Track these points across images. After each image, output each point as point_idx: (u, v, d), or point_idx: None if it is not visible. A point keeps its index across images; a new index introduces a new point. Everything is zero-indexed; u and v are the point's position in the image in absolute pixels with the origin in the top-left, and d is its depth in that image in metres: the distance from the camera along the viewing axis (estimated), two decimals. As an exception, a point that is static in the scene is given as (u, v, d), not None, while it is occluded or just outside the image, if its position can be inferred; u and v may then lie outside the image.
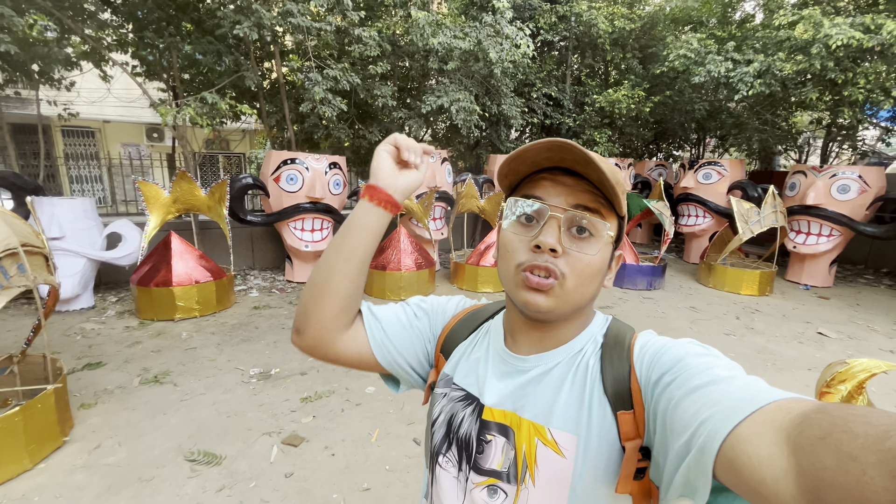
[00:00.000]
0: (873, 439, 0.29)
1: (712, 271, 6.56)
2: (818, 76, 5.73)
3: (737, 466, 0.38)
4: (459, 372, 0.70)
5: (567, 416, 0.58)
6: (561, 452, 0.58)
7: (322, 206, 5.85)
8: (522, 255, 0.58)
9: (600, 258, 0.58)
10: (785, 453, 0.35)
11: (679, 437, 0.45)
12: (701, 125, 9.44)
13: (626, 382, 0.57)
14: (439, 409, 0.70)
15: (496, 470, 0.62)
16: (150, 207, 5.02)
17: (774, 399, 0.40)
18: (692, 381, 0.48)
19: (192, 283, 4.61)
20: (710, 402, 0.44)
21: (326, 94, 4.77)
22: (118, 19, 5.70)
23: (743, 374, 0.48)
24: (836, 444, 0.31)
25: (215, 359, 3.77)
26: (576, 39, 7.67)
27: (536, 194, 0.59)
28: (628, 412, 0.56)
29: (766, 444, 0.37)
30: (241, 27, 4.11)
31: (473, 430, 0.64)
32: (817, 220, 6.45)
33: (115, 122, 12.70)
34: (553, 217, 0.56)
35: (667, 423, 0.49)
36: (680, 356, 0.53)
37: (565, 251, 0.56)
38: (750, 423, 0.39)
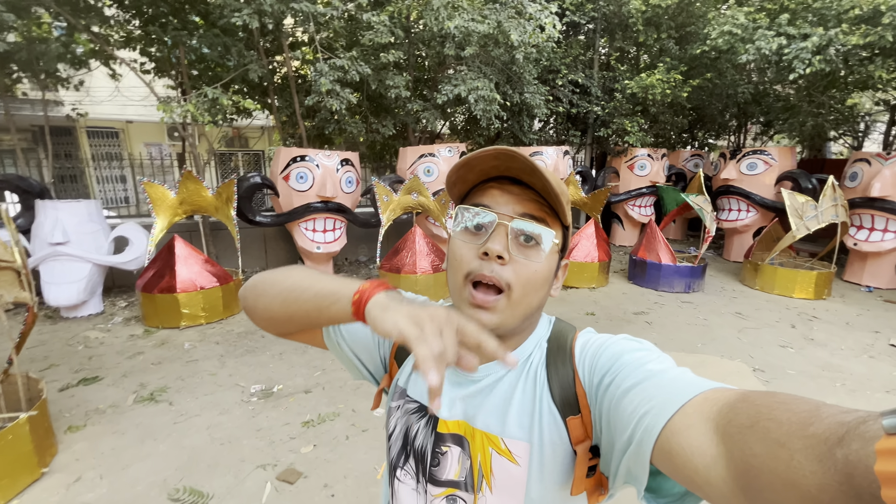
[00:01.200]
0: (797, 426, 0.31)
1: (759, 272, 5.94)
2: (889, 49, 5.01)
3: (672, 456, 0.41)
4: (412, 383, 0.69)
5: (520, 425, 0.59)
6: (515, 461, 0.59)
7: (334, 205, 5.56)
8: (470, 263, 0.58)
9: (546, 266, 0.59)
10: (714, 441, 0.37)
11: (622, 434, 0.48)
12: (743, 110, 8.67)
13: (571, 388, 0.58)
14: (395, 422, 0.70)
15: (454, 480, 0.63)
16: (157, 209, 4.82)
17: (702, 390, 0.43)
18: (628, 379, 0.50)
19: (197, 290, 4.39)
20: (646, 399, 0.46)
21: (334, 86, 4.43)
22: (123, 15, 5.52)
23: (673, 366, 0.51)
24: (764, 432, 0.33)
25: (216, 373, 3.52)
26: (605, 20, 7.07)
27: (485, 202, 0.59)
28: (576, 417, 0.57)
29: (696, 434, 0.39)
30: (241, 15, 3.81)
31: (429, 442, 0.65)
32: (883, 215, 5.73)
33: (138, 122, 12.84)
34: (501, 224, 0.57)
35: (611, 422, 0.51)
36: (615, 355, 0.55)
37: (512, 259, 0.57)
38: (681, 415, 0.41)
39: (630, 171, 8.03)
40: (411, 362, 0.70)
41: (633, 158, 7.91)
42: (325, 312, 0.59)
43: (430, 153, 5.93)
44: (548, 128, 8.54)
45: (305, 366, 3.66)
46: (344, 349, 0.74)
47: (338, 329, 0.73)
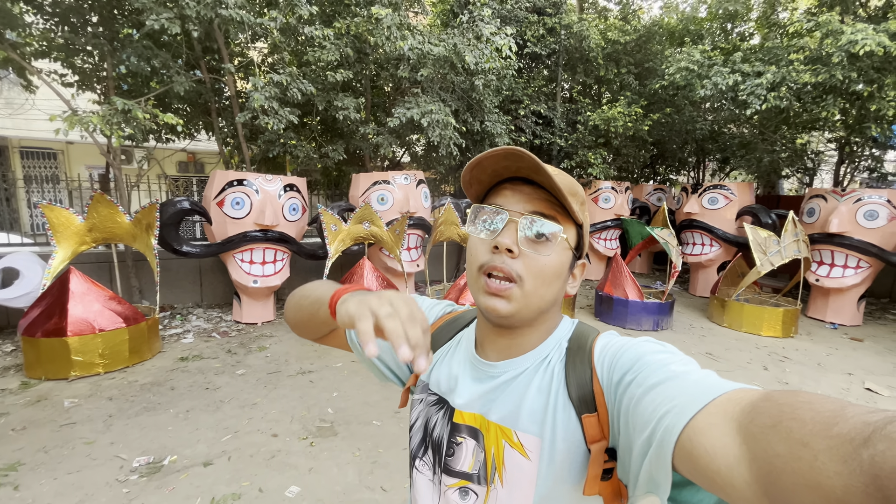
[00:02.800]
0: (821, 425, 0.31)
1: (726, 308, 5.73)
2: (839, 89, 5.10)
3: (693, 458, 0.40)
4: (434, 378, 0.72)
5: (532, 420, 0.60)
6: (526, 454, 0.60)
7: (275, 234, 5.02)
8: (483, 256, 0.60)
9: (556, 260, 0.60)
10: (737, 442, 0.37)
11: (641, 434, 0.47)
12: (700, 146, 8.83)
13: (588, 386, 0.58)
14: (416, 413, 0.73)
15: (467, 472, 0.64)
16: (59, 237, 4.14)
17: (725, 391, 0.42)
18: (650, 378, 0.49)
19: (95, 332, 3.69)
20: (668, 398, 0.45)
21: (270, 103, 4.00)
22: (46, 22, 4.98)
23: (697, 368, 0.50)
24: (787, 432, 0.32)
25: (94, 440, 2.82)
26: (566, 53, 7.08)
27: (497, 202, 0.62)
28: (592, 415, 0.57)
29: (719, 434, 0.38)
30: (158, 19, 3.37)
31: (445, 432, 0.67)
32: (842, 250, 5.70)
33: (80, 143, 11.96)
34: (511, 221, 0.60)
35: (629, 422, 0.50)
36: (638, 355, 0.54)
37: (522, 252, 0.59)
38: (704, 415, 0.41)
39: (594, 203, 7.90)
40: (435, 358, 0.74)
41: (598, 191, 7.80)
42: (317, 316, 0.71)
43: (384, 180, 5.53)
44: (512, 159, 8.38)
45: (214, 427, 3.02)
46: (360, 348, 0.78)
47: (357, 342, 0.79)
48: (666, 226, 5.80)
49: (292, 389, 3.64)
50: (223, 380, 3.79)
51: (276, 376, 3.89)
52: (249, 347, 4.57)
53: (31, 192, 11.43)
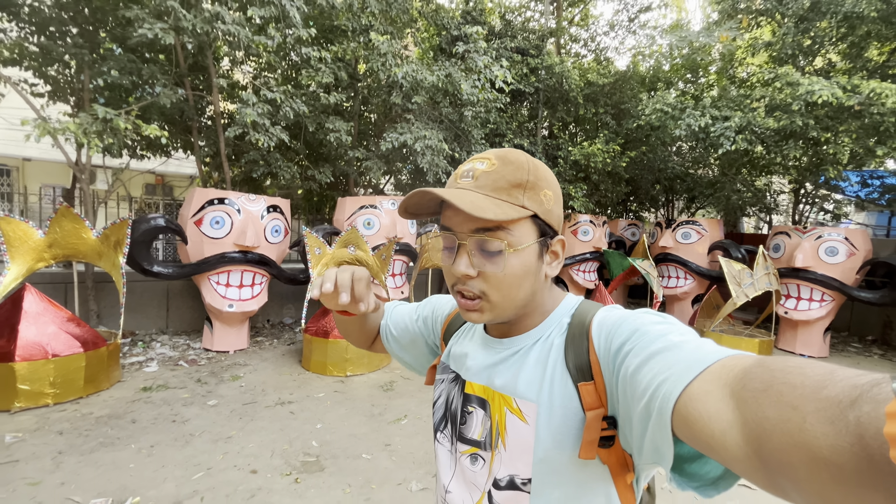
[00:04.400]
0: (810, 389, 0.32)
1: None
2: (798, 134, 5.55)
3: (690, 423, 0.41)
4: (452, 357, 0.78)
5: (529, 387, 0.63)
6: (524, 419, 0.63)
7: (255, 256, 4.79)
8: (452, 278, 0.65)
9: (516, 264, 0.61)
10: (730, 406, 0.38)
11: (639, 402, 0.48)
12: (670, 185, 9.32)
13: (585, 356, 0.60)
14: (439, 391, 0.79)
15: (476, 439, 0.69)
16: (13, 252, 3.77)
17: (719, 357, 0.43)
18: (649, 347, 0.50)
19: (47, 357, 3.31)
20: (665, 366, 0.46)
21: (262, 119, 3.91)
22: (19, 30, 4.76)
23: (695, 337, 0.51)
24: (777, 396, 0.34)
25: (41, 480, 2.45)
26: (547, 92, 7.43)
27: (445, 223, 0.64)
28: (589, 383, 0.59)
29: (714, 400, 0.39)
30: (152, 28, 3.27)
31: (459, 403, 0.72)
32: (808, 284, 6.00)
33: (38, 160, 11.30)
34: (460, 245, 0.62)
35: (627, 391, 0.51)
36: (636, 326, 0.55)
37: (481, 272, 0.61)
38: (699, 381, 0.42)
39: (574, 236, 8.06)
40: (453, 341, 0.81)
41: (577, 224, 8.00)
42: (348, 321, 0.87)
43: (371, 205, 5.45)
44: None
45: (183, 464, 2.70)
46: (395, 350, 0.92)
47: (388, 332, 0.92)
48: (646, 257, 5.96)
49: (271, 421, 3.35)
50: (192, 411, 3.45)
51: (252, 407, 3.58)
52: (221, 377, 4.22)
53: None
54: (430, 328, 0.88)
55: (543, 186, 0.62)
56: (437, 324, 0.87)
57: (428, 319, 0.88)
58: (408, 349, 0.90)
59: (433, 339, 0.88)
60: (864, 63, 6.75)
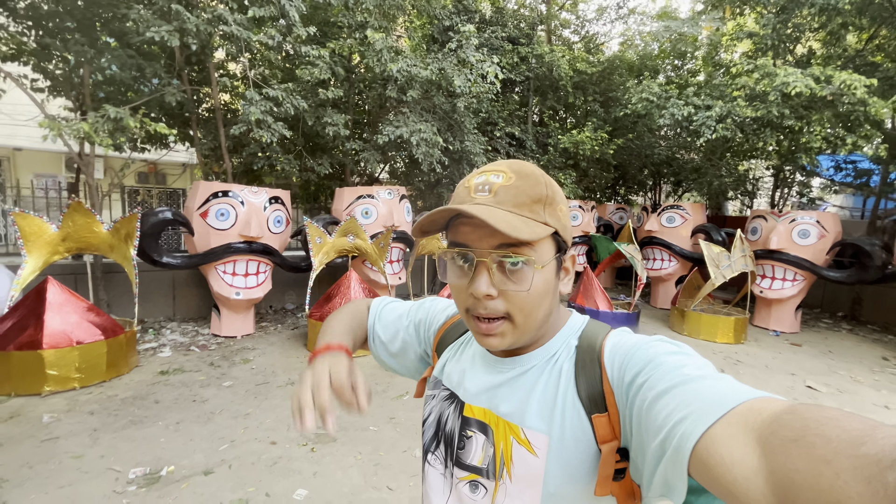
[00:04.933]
0: (847, 444, 0.30)
1: (686, 318, 6.23)
2: (775, 123, 5.82)
3: (710, 467, 0.38)
4: (446, 373, 0.73)
5: (540, 417, 0.59)
6: (533, 451, 0.59)
7: (259, 246, 5.00)
8: (466, 301, 0.60)
9: (539, 282, 0.58)
10: (756, 454, 0.36)
11: (654, 438, 0.46)
12: (657, 170, 9.61)
13: (598, 385, 0.57)
14: (429, 409, 0.74)
15: (477, 466, 0.64)
16: (30, 247, 3.97)
17: (746, 399, 0.41)
18: (664, 381, 0.48)
19: (73, 345, 3.55)
20: (683, 403, 0.44)
21: (266, 117, 4.08)
22: (17, 25, 4.82)
23: (714, 372, 0.48)
24: (809, 448, 0.32)
25: (83, 454, 2.73)
26: (537, 80, 7.60)
27: (460, 240, 0.59)
28: (603, 415, 0.56)
29: (739, 444, 0.37)
30: (159, 31, 3.41)
31: (456, 426, 0.67)
32: (781, 265, 6.37)
33: (29, 150, 11.23)
34: (481, 262, 0.57)
35: (642, 424, 0.49)
36: (650, 356, 0.52)
37: (501, 292, 0.57)
38: (723, 424, 0.39)
39: (563, 220, 8.37)
40: (447, 355, 0.75)
41: (566, 209, 8.29)
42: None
43: (368, 195, 5.67)
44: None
45: (208, 438, 2.99)
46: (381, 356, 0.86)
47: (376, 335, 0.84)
48: (631, 241, 6.28)
49: (284, 399, 3.64)
50: (210, 392, 3.73)
51: (265, 387, 3.87)
52: (233, 360, 4.50)
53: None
54: (421, 337, 0.82)
55: (559, 201, 0.60)
56: (431, 333, 0.80)
57: (420, 326, 0.82)
58: (397, 356, 0.84)
59: (425, 349, 0.81)
60: (842, 51, 7.00)
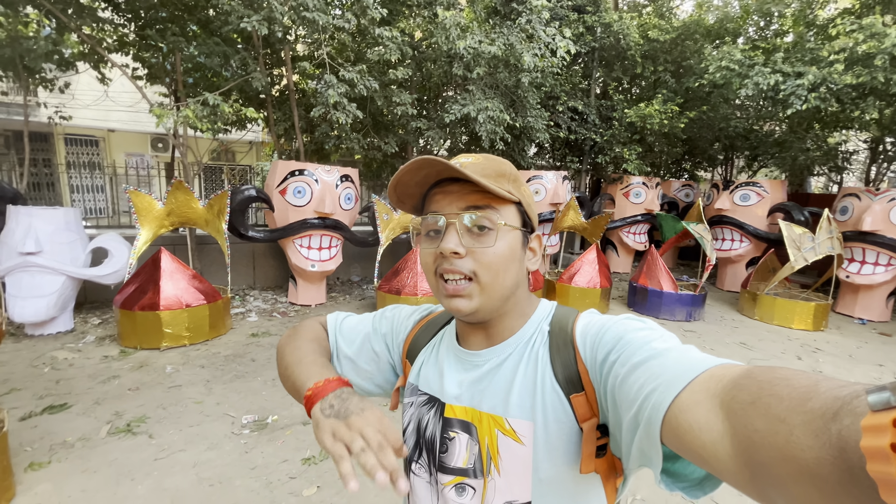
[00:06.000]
0: (796, 401, 0.32)
1: (757, 302, 5.94)
2: (880, 91, 5.22)
3: (679, 434, 0.40)
4: (422, 378, 0.72)
5: (522, 405, 0.60)
6: (519, 440, 0.60)
7: (331, 221, 5.34)
8: (435, 262, 0.62)
9: (505, 246, 0.60)
10: (720, 417, 0.38)
11: (628, 412, 0.48)
12: (731, 144, 8.94)
13: (573, 366, 0.59)
14: (408, 417, 0.72)
15: (462, 468, 0.64)
16: (142, 220, 4.51)
17: (707, 367, 0.43)
18: (634, 356, 0.50)
19: (183, 307, 4.06)
20: (652, 376, 0.46)
21: (342, 99, 4.29)
22: (119, 18, 5.31)
23: (678, 344, 0.51)
24: (765, 408, 0.34)
25: (203, 401, 3.18)
26: (603, 51, 7.24)
27: (433, 209, 0.62)
28: (580, 394, 0.58)
29: (703, 410, 0.39)
30: (250, 21, 3.65)
31: (437, 429, 0.67)
32: (874, 248, 5.84)
33: (120, 131, 12.42)
34: (449, 224, 0.60)
35: (616, 400, 0.51)
36: (619, 334, 0.55)
37: (469, 250, 0.59)
38: (688, 392, 0.41)
39: (625, 198, 8.09)
40: (421, 358, 0.74)
41: (629, 186, 7.99)
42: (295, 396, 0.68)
43: (432, 172, 5.81)
44: (544, 153, 8.59)
45: (302, 394, 3.36)
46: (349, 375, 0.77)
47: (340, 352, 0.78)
48: (700, 221, 6.00)
49: (361, 364, 3.97)
50: (296, 354, 4.13)
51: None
52: (311, 326, 4.92)
53: (72, 176, 11.95)
54: (389, 346, 0.78)
55: (522, 182, 0.64)
56: (399, 341, 0.78)
57: (388, 336, 0.79)
58: (366, 374, 0.77)
59: (394, 359, 0.78)
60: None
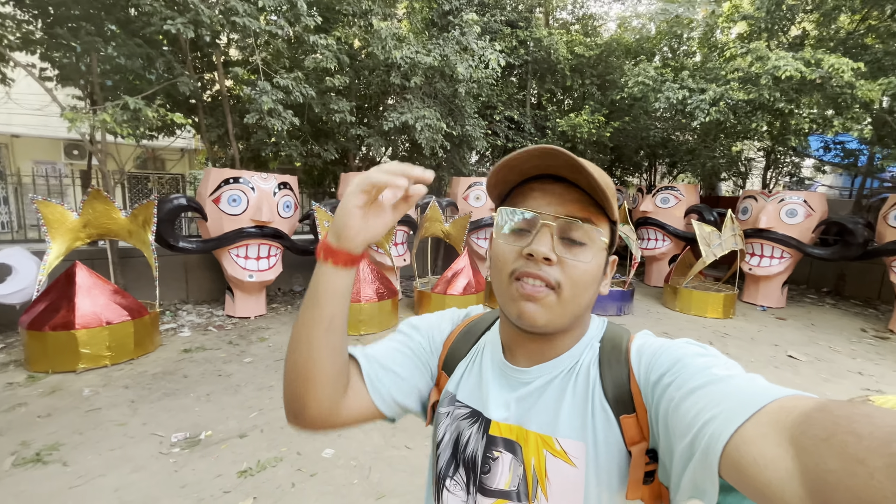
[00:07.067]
0: (880, 441, 0.29)
1: (678, 295, 6.53)
2: (766, 106, 6.01)
3: (741, 468, 0.38)
4: (463, 389, 0.67)
5: (573, 425, 0.57)
6: (571, 461, 0.56)
7: (270, 230, 5.20)
8: (515, 262, 0.57)
9: (595, 265, 0.57)
10: (790, 454, 0.34)
11: (682, 439, 0.45)
12: (652, 152, 9.79)
13: (625, 386, 0.56)
14: (444, 429, 0.67)
15: (504, 490, 0.60)
16: (53, 233, 4.14)
17: (776, 397, 0.40)
18: (691, 381, 0.47)
19: (103, 325, 3.78)
20: (712, 403, 0.43)
21: (276, 106, 4.23)
22: (24, 14, 4.87)
23: (742, 371, 0.48)
24: (841, 446, 0.31)
25: (126, 422, 2.99)
26: (535, 64, 7.69)
27: (528, 205, 0.58)
28: (630, 416, 0.55)
29: (771, 445, 0.36)
30: (174, 24, 3.52)
31: (480, 447, 0.62)
32: (770, 243, 6.65)
33: (27, 136, 11.23)
34: (545, 225, 0.55)
35: (669, 425, 0.48)
36: (678, 357, 0.52)
37: (560, 259, 0.55)
38: (753, 423, 0.38)
39: (561, 202, 8.58)
40: (461, 368, 0.70)
41: (564, 191, 8.49)
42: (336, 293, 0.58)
43: (373, 179, 5.84)
44: (485, 162, 8.90)
45: (239, 406, 3.26)
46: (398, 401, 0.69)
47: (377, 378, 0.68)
48: (626, 222, 6.52)
49: (303, 373, 3.91)
50: (233, 367, 3.98)
51: (283, 363, 4.13)
52: (250, 339, 4.75)
53: (-32, 188, 10.63)
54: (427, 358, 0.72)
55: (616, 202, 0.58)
56: (436, 349, 0.73)
57: (423, 346, 0.72)
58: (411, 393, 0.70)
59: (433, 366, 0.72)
60: (835, 32, 7.13)
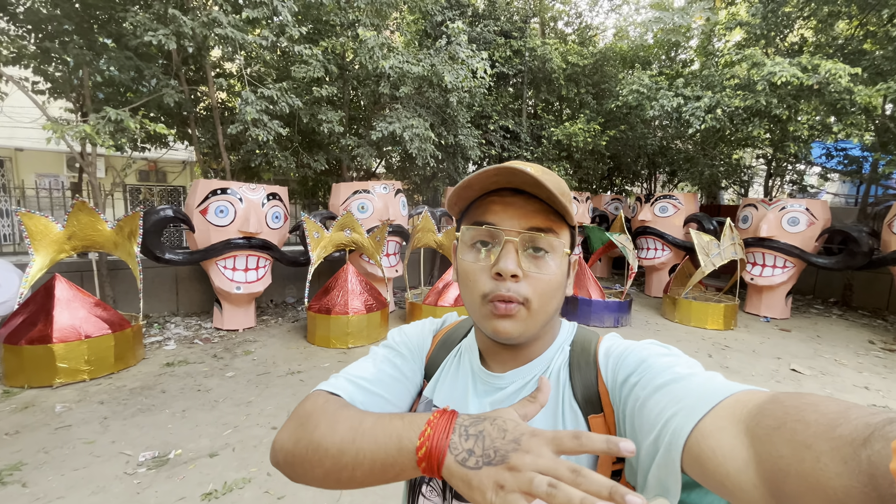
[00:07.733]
0: (824, 427, 0.31)
1: (677, 305, 6.37)
2: (763, 112, 5.91)
3: (702, 461, 0.39)
4: (439, 394, 0.69)
5: (545, 425, 0.58)
6: None
7: (258, 241, 5.14)
8: (485, 284, 0.58)
9: (560, 273, 0.59)
10: (745, 444, 0.36)
11: (647, 436, 0.46)
12: (651, 160, 9.69)
13: (594, 387, 0.58)
14: None
15: None
16: (36, 245, 4.11)
17: (732, 392, 0.42)
18: (655, 380, 0.49)
19: (81, 339, 3.71)
20: (674, 400, 0.45)
21: (261, 115, 4.20)
22: (17, 29, 4.93)
23: (702, 370, 0.50)
24: (791, 434, 0.32)
25: (94, 440, 2.89)
26: (531, 73, 7.67)
27: (488, 220, 0.58)
28: (598, 415, 0.57)
29: (728, 437, 0.38)
30: (156, 35, 3.51)
31: None
32: (772, 252, 6.49)
33: (31, 150, 11.37)
34: (509, 241, 0.57)
35: (635, 423, 0.50)
36: (643, 357, 0.54)
37: (526, 273, 0.57)
38: (711, 417, 0.40)
39: (558, 212, 8.48)
40: (438, 374, 0.71)
41: (561, 200, 8.39)
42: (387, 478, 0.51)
43: (364, 189, 5.79)
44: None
45: (213, 423, 3.15)
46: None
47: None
48: (623, 232, 6.39)
49: (284, 388, 3.80)
50: (213, 382, 3.89)
51: (266, 377, 4.03)
52: (235, 352, 4.66)
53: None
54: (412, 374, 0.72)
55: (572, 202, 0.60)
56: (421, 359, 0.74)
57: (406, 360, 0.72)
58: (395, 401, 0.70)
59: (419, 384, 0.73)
60: (832, 39, 7.05)
